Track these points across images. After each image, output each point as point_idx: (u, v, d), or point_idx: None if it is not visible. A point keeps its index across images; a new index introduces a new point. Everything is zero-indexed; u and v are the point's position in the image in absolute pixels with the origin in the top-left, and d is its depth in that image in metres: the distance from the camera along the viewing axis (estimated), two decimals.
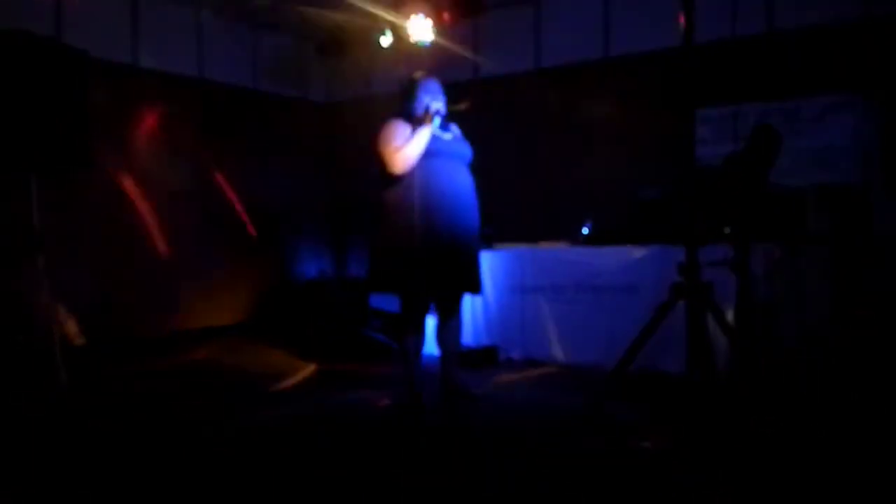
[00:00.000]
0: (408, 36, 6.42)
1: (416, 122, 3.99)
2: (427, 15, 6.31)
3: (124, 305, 6.09)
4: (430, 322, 4.49)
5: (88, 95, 4.54)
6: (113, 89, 5.96)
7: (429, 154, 3.92)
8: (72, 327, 5.55)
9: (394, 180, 3.95)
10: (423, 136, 3.90)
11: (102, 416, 3.97)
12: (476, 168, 4.18)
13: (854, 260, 5.05)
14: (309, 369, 5.21)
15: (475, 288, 4.16)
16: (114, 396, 4.46)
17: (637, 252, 4.81)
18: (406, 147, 3.88)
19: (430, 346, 4.56)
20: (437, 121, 3.98)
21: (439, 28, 6.42)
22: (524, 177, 6.80)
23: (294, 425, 3.80)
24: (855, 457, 3.03)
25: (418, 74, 4.17)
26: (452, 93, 4.17)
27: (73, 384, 4.36)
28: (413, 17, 6.32)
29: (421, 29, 6.30)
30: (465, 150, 4.12)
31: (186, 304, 6.65)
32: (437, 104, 4.00)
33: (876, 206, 5.31)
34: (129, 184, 6.18)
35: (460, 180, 4.04)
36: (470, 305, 5.34)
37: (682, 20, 3.14)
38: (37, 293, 4.31)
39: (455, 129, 4.18)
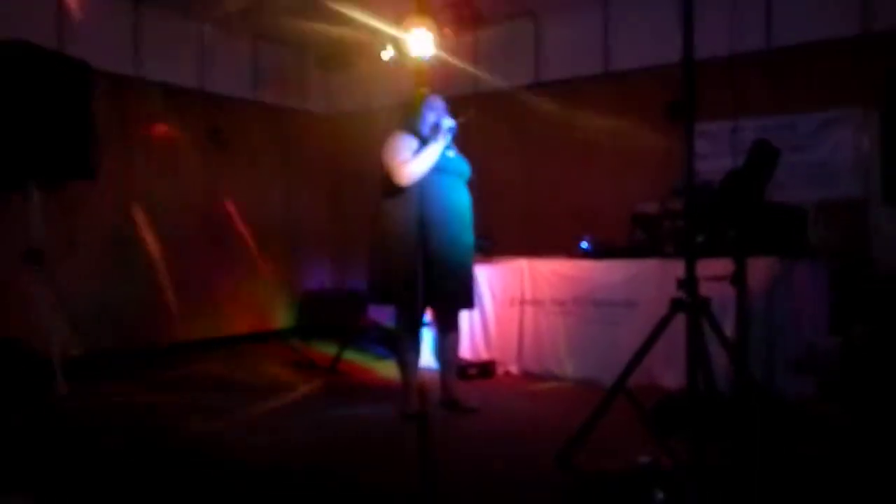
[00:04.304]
0: (408, 50, 6.44)
1: (420, 136, 4.02)
2: (428, 29, 6.33)
3: (125, 316, 6.08)
4: (429, 335, 4.50)
5: (91, 106, 4.56)
6: (115, 101, 5.99)
7: (431, 169, 3.95)
8: (70, 338, 5.55)
9: (395, 192, 3.97)
10: (433, 152, 3.94)
11: (100, 428, 3.97)
12: (475, 182, 4.21)
13: (853, 274, 5.05)
14: (311, 381, 5.21)
15: (468, 303, 4.20)
16: (113, 408, 4.45)
17: (636, 266, 4.81)
18: (415, 161, 3.91)
19: (429, 359, 4.57)
20: (449, 138, 4.01)
21: (440, 42, 6.44)
22: (523, 190, 6.81)
23: (294, 438, 3.79)
24: (855, 473, 3.03)
25: (422, 91, 4.20)
26: (453, 106, 4.20)
27: (72, 395, 4.36)
28: (414, 31, 6.34)
29: (421, 43, 6.32)
30: (465, 167, 4.16)
31: (188, 315, 6.63)
32: (449, 122, 4.03)
33: (874, 221, 5.32)
34: (130, 194, 6.19)
35: (459, 197, 4.07)
36: (468, 319, 5.34)
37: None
38: (37, 303, 4.32)
39: (453, 146, 4.20)
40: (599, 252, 5.12)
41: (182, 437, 3.79)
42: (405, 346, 4.11)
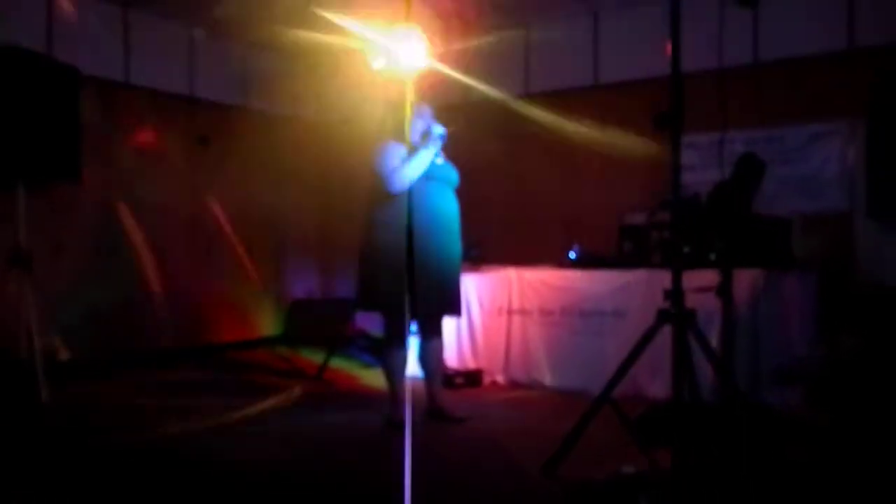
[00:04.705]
0: (399, 59, 6.45)
1: (409, 144, 4.03)
2: (419, 38, 6.35)
3: (111, 321, 6.04)
4: (414, 342, 4.49)
5: (79, 110, 4.55)
6: (104, 105, 5.97)
7: (420, 176, 3.96)
8: (56, 342, 5.51)
9: (383, 200, 3.97)
10: (424, 158, 3.96)
11: (84, 433, 3.94)
12: (464, 191, 4.21)
13: (838, 286, 5.09)
14: (296, 388, 5.19)
15: (455, 310, 4.20)
16: (97, 413, 4.42)
17: (623, 277, 4.83)
18: (407, 167, 3.92)
19: (415, 368, 4.56)
20: (439, 144, 4.03)
21: (430, 52, 6.45)
22: (512, 200, 6.82)
23: (280, 445, 3.78)
24: (841, 479, 3.04)
25: (411, 99, 4.21)
26: (442, 116, 4.21)
27: (56, 400, 4.32)
28: (405, 40, 6.36)
29: (412, 52, 6.34)
30: (453, 174, 4.17)
31: (175, 321, 6.60)
32: (440, 128, 4.06)
33: (859, 233, 5.37)
34: (117, 199, 6.16)
35: (447, 204, 4.08)
36: (455, 328, 5.34)
37: (668, 50, 3.18)
38: (22, 308, 4.29)
39: (441, 153, 4.21)
40: (587, 262, 5.13)
41: (165, 442, 3.77)
42: (392, 354, 4.11)
